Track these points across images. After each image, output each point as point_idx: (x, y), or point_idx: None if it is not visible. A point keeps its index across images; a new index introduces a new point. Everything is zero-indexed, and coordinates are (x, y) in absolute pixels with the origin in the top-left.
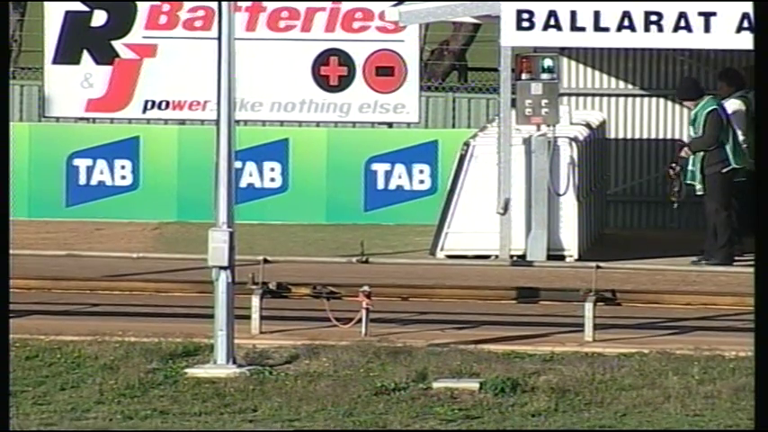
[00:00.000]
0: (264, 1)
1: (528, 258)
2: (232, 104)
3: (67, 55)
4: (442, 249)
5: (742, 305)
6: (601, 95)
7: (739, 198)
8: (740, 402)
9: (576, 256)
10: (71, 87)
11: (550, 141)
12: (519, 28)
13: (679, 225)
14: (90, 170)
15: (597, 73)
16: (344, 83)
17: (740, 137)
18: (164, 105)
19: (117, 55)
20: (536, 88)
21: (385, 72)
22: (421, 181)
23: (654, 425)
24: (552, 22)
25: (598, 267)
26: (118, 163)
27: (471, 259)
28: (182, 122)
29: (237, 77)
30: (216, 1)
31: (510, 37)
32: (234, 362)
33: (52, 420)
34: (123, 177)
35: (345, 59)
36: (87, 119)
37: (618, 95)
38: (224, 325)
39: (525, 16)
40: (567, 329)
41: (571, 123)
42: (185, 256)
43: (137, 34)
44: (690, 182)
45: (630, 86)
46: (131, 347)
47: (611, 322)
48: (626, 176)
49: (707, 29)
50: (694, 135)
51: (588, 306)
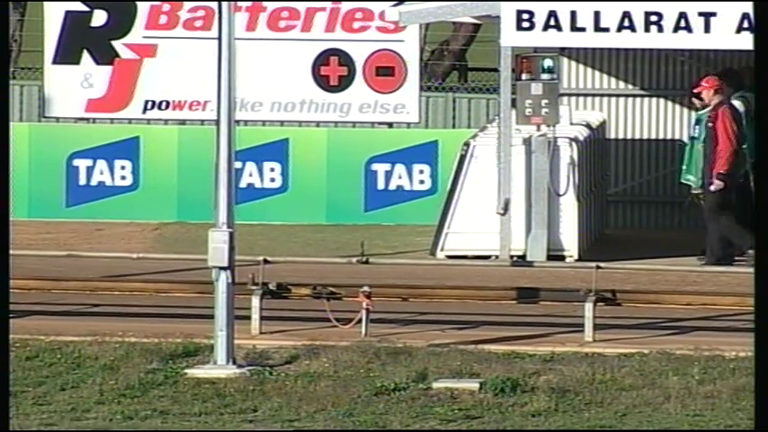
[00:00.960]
0: (264, 1)
1: (528, 258)
2: (232, 104)
3: (67, 55)
4: (443, 250)
5: (742, 305)
6: (601, 96)
7: (739, 198)
8: (740, 402)
9: (576, 257)
10: (71, 87)
11: (550, 141)
12: (519, 28)
13: (680, 226)
14: (90, 170)
15: (597, 73)
16: (344, 83)
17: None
18: (164, 105)
19: (117, 55)
20: (536, 88)
21: (385, 72)
22: (421, 181)
23: (654, 425)
24: (552, 23)
25: (598, 267)
26: (118, 163)
27: (471, 259)
28: (182, 122)
29: (237, 77)
30: (216, 1)
31: (510, 37)
32: (234, 362)
33: (52, 420)
34: (123, 178)
35: (345, 59)
36: (87, 119)
37: (618, 96)
38: (224, 325)
39: (525, 16)
40: (568, 330)
41: (571, 123)
42: (185, 257)
43: (137, 34)
44: (685, 180)
45: (630, 87)
46: (131, 348)
47: (611, 322)
48: (626, 176)
49: (707, 29)
50: (696, 136)
51: (588, 306)
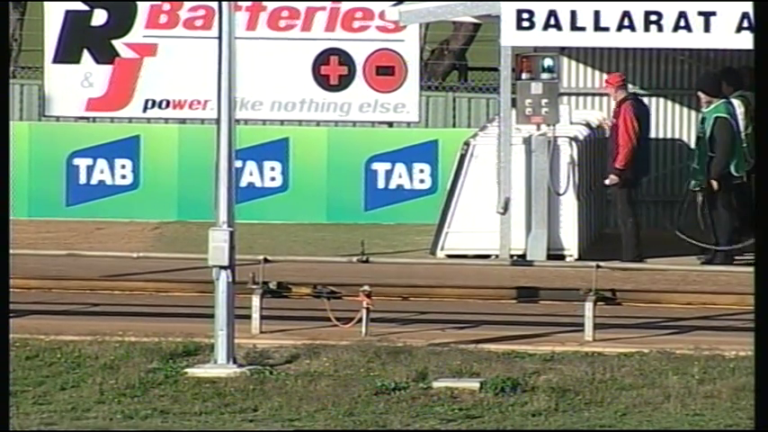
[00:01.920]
0: (265, 0)
1: (528, 258)
2: (232, 104)
3: (68, 54)
4: (443, 249)
5: (742, 305)
6: (601, 95)
7: (739, 198)
8: (740, 402)
9: (576, 256)
10: (71, 86)
11: (550, 141)
12: (519, 28)
13: (679, 226)
14: (90, 169)
15: (597, 73)
16: (345, 82)
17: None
18: (164, 104)
19: (117, 54)
20: (536, 88)
21: (385, 71)
22: (421, 180)
23: (654, 424)
24: (552, 22)
25: (598, 267)
26: (118, 162)
27: (471, 259)
28: (182, 122)
29: (238, 77)
30: (216, 0)
31: (510, 37)
32: (234, 361)
33: (52, 420)
34: (123, 177)
35: (346, 59)
36: (87, 118)
37: None
38: (224, 324)
39: (525, 16)
40: (568, 329)
41: (571, 123)
42: (186, 256)
43: (137, 33)
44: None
45: (630, 86)
46: (132, 347)
47: (611, 322)
48: None
49: (707, 28)
50: (701, 135)
51: (588, 306)
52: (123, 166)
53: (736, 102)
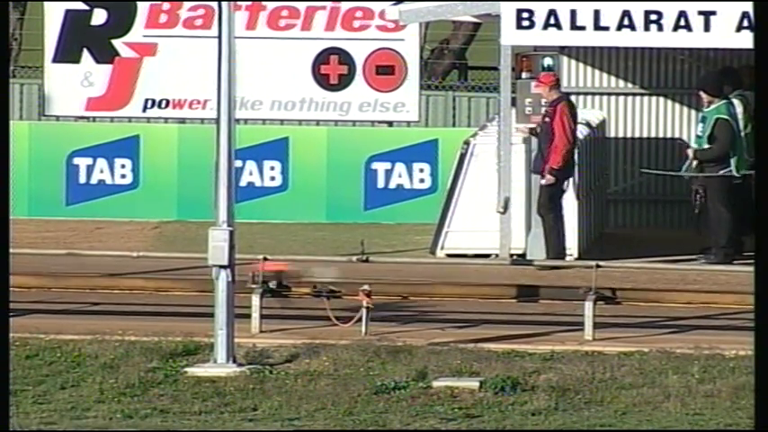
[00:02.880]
0: (265, 0)
1: (528, 257)
2: (232, 103)
3: (67, 54)
4: (443, 248)
5: (742, 304)
6: (601, 94)
7: (738, 197)
8: (740, 401)
9: (576, 255)
10: (71, 86)
11: None
12: (519, 27)
13: (679, 225)
14: (90, 169)
15: (597, 72)
16: (344, 82)
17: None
18: (164, 104)
19: (117, 53)
20: (536, 87)
21: (385, 71)
22: (421, 180)
23: (654, 424)
24: (552, 21)
25: (598, 266)
26: (118, 162)
27: (471, 258)
28: (181, 121)
29: (238, 76)
30: (216, 0)
31: (510, 36)
32: (234, 361)
33: (52, 419)
34: (123, 176)
35: (345, 58)
36: (87, 117)
37: (618, 94)
38: (224, 324)
39: (525, 15)
40: (568, 328)
41: None
42: (185, 255)
43: (137, 33)
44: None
45: (630, 85)
46: (131, 346)
47: (611, 321)
48: (626, 175)
49: (706, 28)
50: (700, 134)
51: (588, 305)
52: (123, 166)
53: (735, 101)
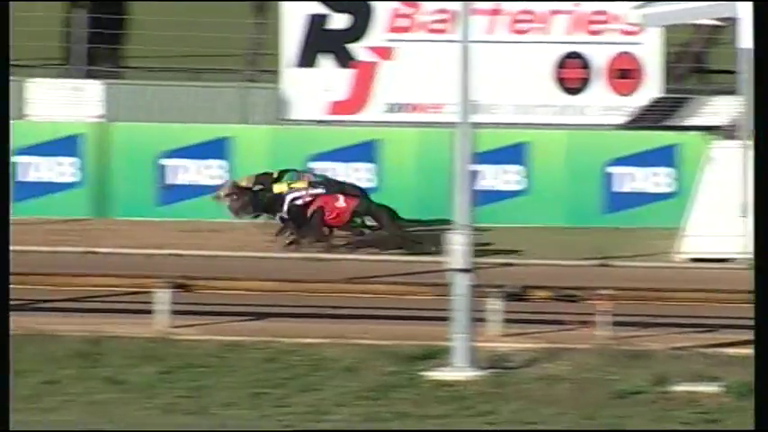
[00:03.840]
0: (504, 1)
1: None
2: (468, 107)
3: (307, 58)
4: (683, 252)
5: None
6: None
7: None
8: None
9: None
10: (311, 90)
11: None
12: None
13: None
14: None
15: None
16: (584, 85)
17: None
18: (402, 108)
19: (355, 58)
20: None
21: (624, 74)
22: (660, 184)
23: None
24: None
25: None
26: (354, 165)
27: (712, 263)
28: (420, 125)
29: (476, 80)
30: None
31: (750, 38)
32: (473, 365)
33: (290, 422)
34: (369, 180)
35: (585, 62)
36: (325, 122)
37: None
38: (463, 328)
39: None
40: None
41: None
42: (424, 259)
43: (376, 37)
44: None
45: None
46: (371, 350)
47: None
48: None
49: None
50: None
51: None
52: (356, 170)
53: None
